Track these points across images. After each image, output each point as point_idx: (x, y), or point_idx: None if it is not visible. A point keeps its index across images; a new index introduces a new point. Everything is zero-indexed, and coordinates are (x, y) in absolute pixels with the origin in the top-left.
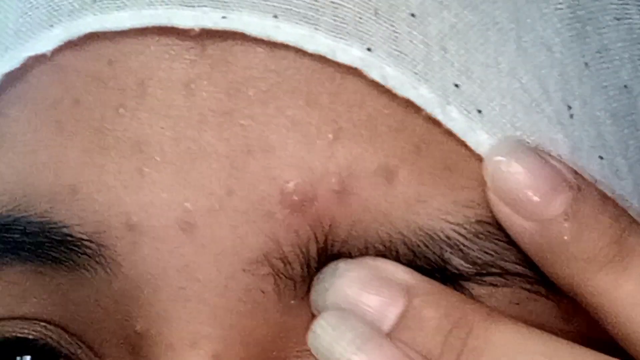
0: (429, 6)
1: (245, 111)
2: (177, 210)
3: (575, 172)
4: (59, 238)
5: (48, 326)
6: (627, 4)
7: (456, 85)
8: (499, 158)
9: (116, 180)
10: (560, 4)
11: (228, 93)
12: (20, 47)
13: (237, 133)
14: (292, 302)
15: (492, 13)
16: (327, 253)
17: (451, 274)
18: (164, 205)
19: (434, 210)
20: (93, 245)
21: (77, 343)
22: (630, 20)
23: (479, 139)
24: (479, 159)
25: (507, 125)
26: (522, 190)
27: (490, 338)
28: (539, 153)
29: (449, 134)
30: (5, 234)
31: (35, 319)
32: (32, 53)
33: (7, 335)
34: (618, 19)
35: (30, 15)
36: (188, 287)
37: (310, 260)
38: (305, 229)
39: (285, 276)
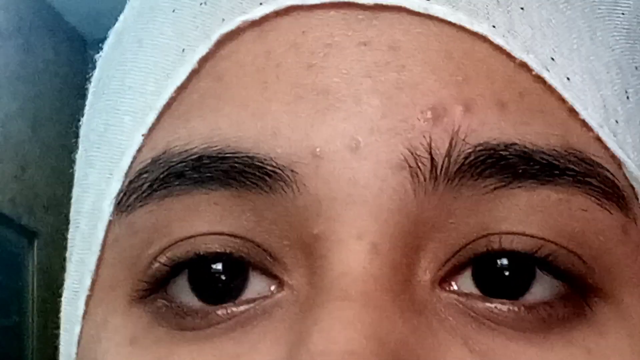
0: (533, 4)
1: (400, 61)
2: (347, 137)
3: None
4: (261, 167)
5: (240, 240)
6: None
7: (552, 59)
8: None
9: (306, 122)
10: (617, 26)
11: (388, 49)
12: (235, 18)
13: (391, 77)
14: (423, 197)
15: (573, 16)
16: (450, 157)
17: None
18: (338, 135)
19: (534, 132)
20: (287, 173)
21: (263, 252)
22: None
23: (567, 95)
24: (567, 107)
25: (585, 89)
26: None
27: None
28: None
29: (547, 88)
30: (218, 166)
31: (231, 235)
32: (245, 18)
33: (207, 250)
34: None
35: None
36: (354, 192)
37: (437, 161)
38: (435, 135)
39: (418, 175)
